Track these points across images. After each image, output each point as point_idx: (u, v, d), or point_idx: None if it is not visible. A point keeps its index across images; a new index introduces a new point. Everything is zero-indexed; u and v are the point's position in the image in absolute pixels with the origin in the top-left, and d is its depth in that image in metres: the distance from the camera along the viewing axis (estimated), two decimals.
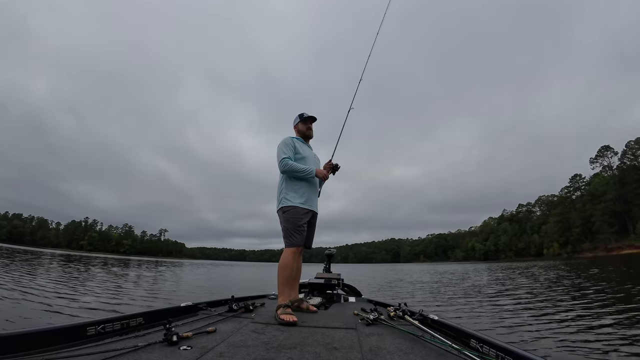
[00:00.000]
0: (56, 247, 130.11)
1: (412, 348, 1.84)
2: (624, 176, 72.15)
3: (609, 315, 5.33)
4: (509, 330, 4.69)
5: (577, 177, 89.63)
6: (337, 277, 4.60)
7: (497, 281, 14.17)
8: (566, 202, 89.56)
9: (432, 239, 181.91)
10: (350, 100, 3.88)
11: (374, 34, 4.21)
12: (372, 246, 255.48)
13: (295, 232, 2.94)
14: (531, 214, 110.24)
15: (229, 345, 1.79)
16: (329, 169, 3.32)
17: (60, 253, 59.43)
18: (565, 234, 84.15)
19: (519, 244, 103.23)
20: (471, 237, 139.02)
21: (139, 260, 49.03)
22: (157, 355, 1.55)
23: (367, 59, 4.11)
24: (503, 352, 1.61)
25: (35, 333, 1.63)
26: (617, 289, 8.59)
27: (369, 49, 4.13)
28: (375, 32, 4.22)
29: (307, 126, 3.41)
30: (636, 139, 73.45)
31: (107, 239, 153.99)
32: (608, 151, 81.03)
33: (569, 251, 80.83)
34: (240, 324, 2.39)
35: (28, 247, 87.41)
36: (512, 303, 7.44)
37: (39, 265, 16.47)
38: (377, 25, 4.23)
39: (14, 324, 4.29)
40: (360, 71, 4.07)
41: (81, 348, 1.64)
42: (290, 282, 2.92)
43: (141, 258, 79.19)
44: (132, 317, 2.18)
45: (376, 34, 4.19)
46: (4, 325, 4.17)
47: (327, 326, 2.40)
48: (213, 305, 3.10)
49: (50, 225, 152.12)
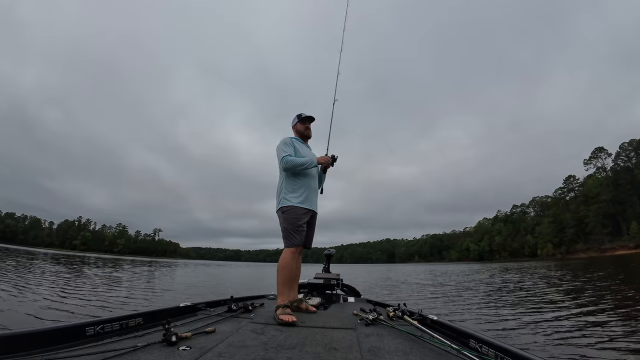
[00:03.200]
0: (49, 246, 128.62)
1: (411, 348, 1.84)
2: (618, 178, 72.97)
3: (606, 315, 5.39)
4: (508, 331, 4.73)
5: (571, 178, 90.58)
6: (336, 278, 4.60)
7: (495, 281, 14.26)
8: (560, 203, 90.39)
9: (427, 239, 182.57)
10: (333, 93, 3.91)
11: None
12: (368, 246, 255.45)
13: (295, 232, 2.94)
14: (525, 215, 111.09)
15: (228, 345, 1.79)
16: (328, 160, 3.33)
17: (53, 253, 58.96)
18: (559, 234, 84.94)
19: (513, 245, 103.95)
20: (466, 237, 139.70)
21: (132, 260, 48.77)
22: (156, 356, 1.54)
23: (339, 53, 4.23)
24: (502, 352, 1.61)
25: (35, 333, 1.62)
26: (612, 290, 8.68)
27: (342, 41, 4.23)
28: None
29: (306, 126, 3.40)
30: (630, 141, 74.33)
31: (100, 239, 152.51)
32: (602, 152, 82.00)
33: (562, 252, 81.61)
34: (240, 324, 2.38)
35: (21, 247, 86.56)
36: (509, 303, 7.50)
37: (32, 266, 16.34)
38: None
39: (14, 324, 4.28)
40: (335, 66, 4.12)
41: (80, 348, 1.63)
42: (289, 283, 2.92)
43: (135, 258, 78.65)
44: (131, 318, 2.17)
45: (343, 29, 4.30)
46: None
47: (327, 326, 2.40)
48: (212, 305, 3.09)
49: (43, 224, 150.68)
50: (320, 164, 3.26)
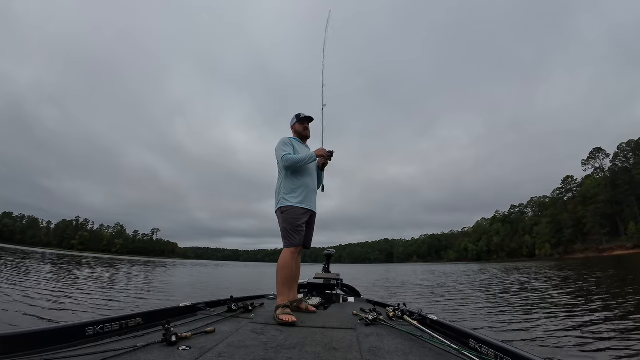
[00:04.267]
0: (47, 246, 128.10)
1: (411, 348, 1.84)
2: (616, 178, 73.18)
3: (605, 315, 5.40)
4: (507, 330, 4.74)
5: (569, 178, 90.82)
6: (336, 278, 4.59)
7: (493, 282, 14.28)
8: (558, 203, 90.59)
9: (425, 239, 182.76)
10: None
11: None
12: (366, 246, 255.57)
13: (294, 232, 2.94)
14: (523, 215, 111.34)
15: (228, 345, 1.79)
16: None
17: (51, 252, 58.75)
18: (557, 235, 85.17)
19: (512, 245, 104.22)
20: (464, 237, 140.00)
21: (130, 260, 48.61)
22: (156, 356, 1.54)
23: (322, 61, 4.06)
24: (502, 352, 1.61)
25: (34, 333, 1.62)
26: (611, 290, 8.71)
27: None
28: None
29: (304, 126, 3.40)
30: (628, 142, 74.56)
31: (98, 239, 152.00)
32: (600, 153, 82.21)
33: (560, 252, 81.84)
34: (240, 324, 2.38)
35: (18, 247, 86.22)
36: (508, 303, 7.51)
37: (31, 265, 16.28)
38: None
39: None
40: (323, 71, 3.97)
41: (80, 348, 1.63)
42: (289, 283, 2.92)
43: (133, 258, 78.43)
44: (131, 318, 2.17)
45: (324, 41, 4.11)
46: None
47: (326, 326, 2.40)
48: (212, 305, 3.10)
49: (41, 224, 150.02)
50: (319, 156, 3.23)
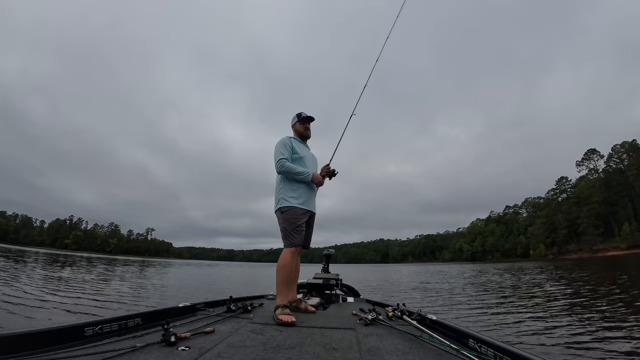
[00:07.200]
0: (40, 245, 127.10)
1: (410, 348, 1.84)
2: (610, 179, 73.85)
3: (603, 315, 5.45)
4: (507, 330, 4.76)
5: (563, 179, 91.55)
6: (335, 278, 4.59)
7: (491, 282, 14.35)
8: (552, 204, 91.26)
9: (420, 239, 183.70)
10: (354, 104, 3.67)
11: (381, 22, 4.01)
12: (361, 246, 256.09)
13: (294, 233, 2.94)
14: (518, 216, 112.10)
15: (228, 345, 1.78)
16: (327, 173, 3.27)
17: (44, 252, 58.25)
18: (551, 235, 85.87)
19: (506, 245, 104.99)
20: (459, 238, 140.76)
21: (124, 260, 48.32)
22: (155, 356, 1.54)
23: (374, 63, 3.91)
24: (501, 352, 1.62)
25: (33, 333, 1.61)
26: (608, 290, 8.77)
27: (377, 38, 3.93)
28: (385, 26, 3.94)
29: (305, 126, 3.39)
30: (622, 143, 75.30)
31: (92, 238, 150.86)
32: (594, 154, 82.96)
33: (554, 252, 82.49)
34: (239, 324, 2.38)
35: (11, 246, 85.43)
36: (508, 303, 7.55)
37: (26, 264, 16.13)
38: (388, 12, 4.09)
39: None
40: (365, 73, 3.81)
41: (79, 348, 1.63)
42: (288, 283, 2.92)
43: (127, 257, 77.93)
44: (130, 318, 2.15)
45: (386, 38, 3.98)
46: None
47: (326, 326, 2.40)
48: (211, 305, 3.09)
49: (34, 223, 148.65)
50: (314, 183, 3.16)
